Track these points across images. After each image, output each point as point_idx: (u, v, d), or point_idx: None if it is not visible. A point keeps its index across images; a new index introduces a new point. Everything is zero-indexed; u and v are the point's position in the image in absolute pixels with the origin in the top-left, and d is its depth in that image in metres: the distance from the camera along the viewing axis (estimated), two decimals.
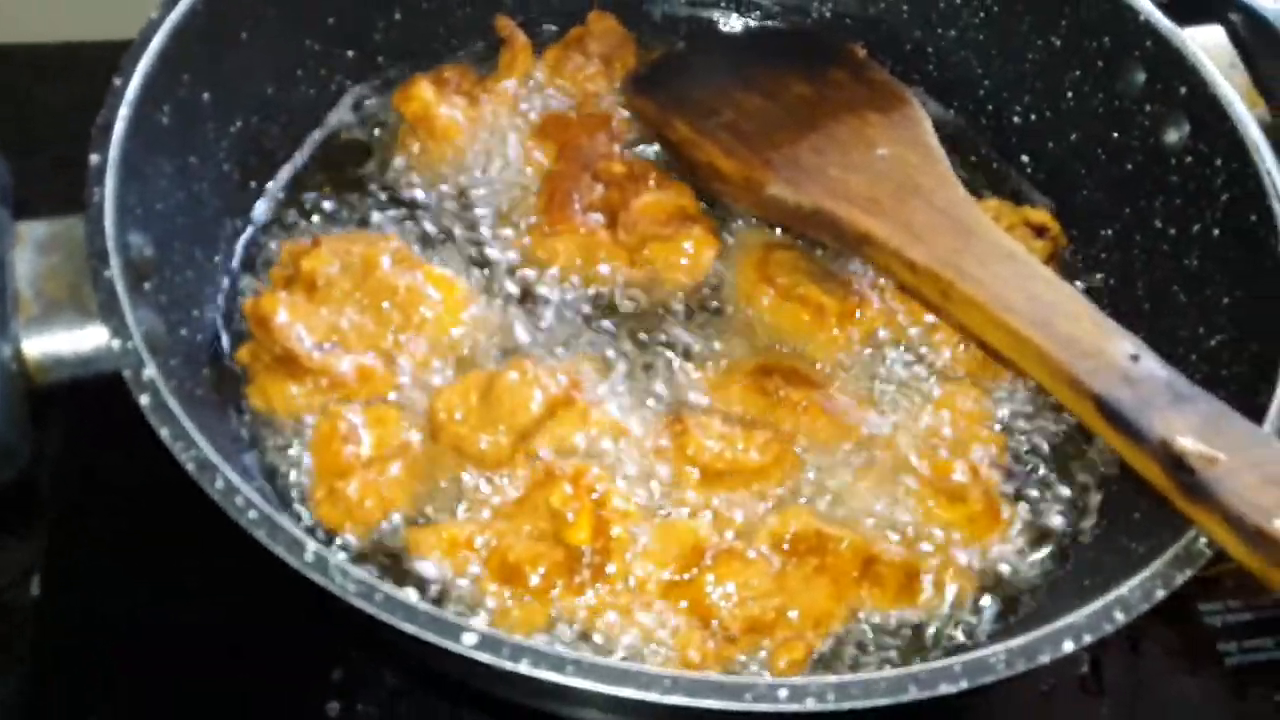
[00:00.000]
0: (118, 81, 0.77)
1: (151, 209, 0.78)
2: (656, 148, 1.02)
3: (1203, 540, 0.70)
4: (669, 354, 0.91)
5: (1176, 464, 0.70)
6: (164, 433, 0.66)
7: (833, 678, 0.62)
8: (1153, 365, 0.76)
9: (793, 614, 0.78)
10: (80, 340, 0.71)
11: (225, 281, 0.90)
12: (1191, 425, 0.71)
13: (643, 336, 0.92)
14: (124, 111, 0.76)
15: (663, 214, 0.95)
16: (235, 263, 0.91)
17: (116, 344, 0.69)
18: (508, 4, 1.06)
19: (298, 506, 0.81)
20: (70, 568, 0.93)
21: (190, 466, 0.65)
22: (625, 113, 1.03)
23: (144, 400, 0.67)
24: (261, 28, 0.90)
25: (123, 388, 0.68)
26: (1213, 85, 0.89)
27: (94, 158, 0.74)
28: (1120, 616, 0.67)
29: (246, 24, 0.89)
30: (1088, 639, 0.66)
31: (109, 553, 0.93)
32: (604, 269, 0.94)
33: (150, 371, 0.68)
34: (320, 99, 1.00)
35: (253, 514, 0.64)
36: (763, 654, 0.78)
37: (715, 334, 0.92)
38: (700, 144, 0.97)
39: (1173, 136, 0.91)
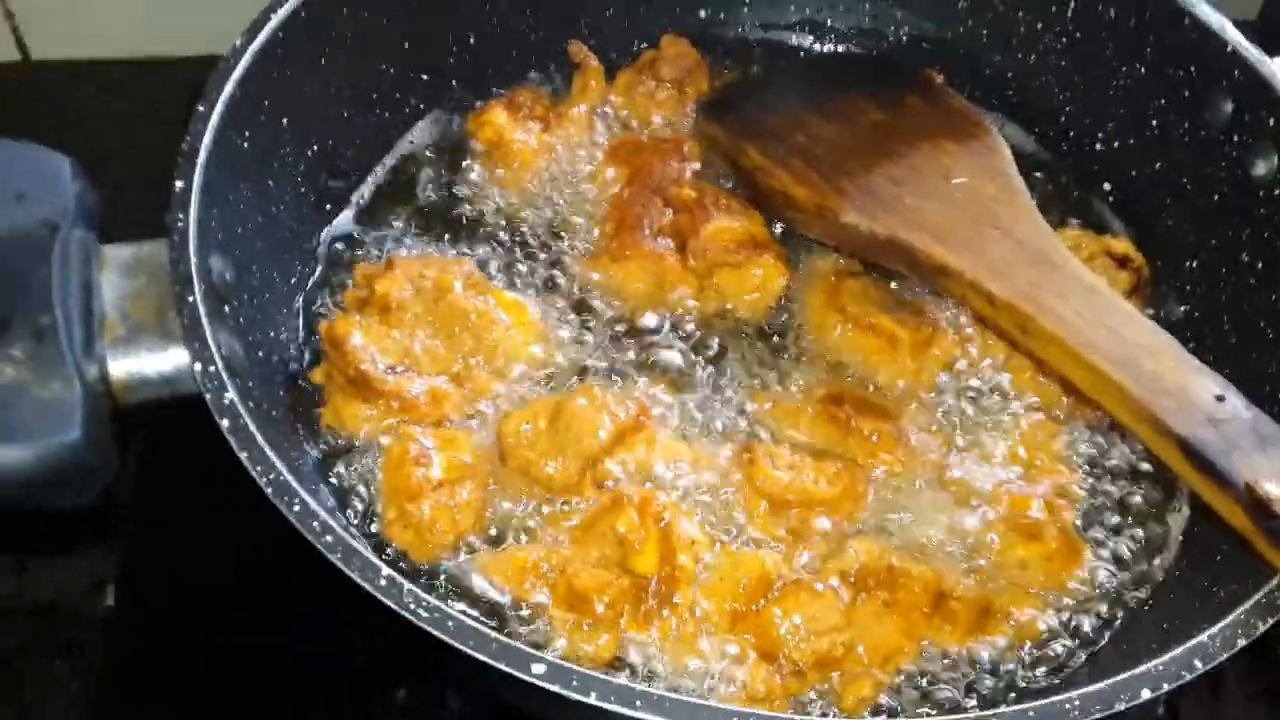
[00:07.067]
0: (201, 108, 0.79)
1: (232, 233, 0.80)
2: (728, 173, 1.01)
3: None
4: (738, 382, 0.90)
5: (1261, 509, 0.68)
6: (243, 456, 0.68)
7: None
8: (1238, 405, 0.74)
9: (861, 649, 0.77)
10: (163, 362, 0.73)
11: (300, 303, 0.91)
12: (1277, 469, 0.70)
13: (711, 364, 0.91)
14: (207, 138, 0.78)
15: (733, 241, 0.95)
16: (310, 285, 0.92)
17: (199, 368, 0.70)
18: (581, 29, 1.06)
19: (368, 525, 0.82)
20: (144, 581, 0.95)
21: (269, 490, 0.67)
22: (697, 137, 1.02)
23: (224, 423, 0.68)
24: (339, 53, 0.92)
25: (201, 407, 0.70)
26: None
27: (178, 183, 0.76)
28: (1199, 665, 0.66)
29: (325, 49, 0.91)
30: (1165, 687, 0.65)
31: (182, 567, 0.95)
32: (673, 295, 0.94)
33: (231, 395, 0.69)
34: (394, 123, 1.01)
35: (328, 538, 0.65)
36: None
37: (785, 362, 0.92)
38: (772, 171, 0.96)
39: (1261, 169, 0.89)
